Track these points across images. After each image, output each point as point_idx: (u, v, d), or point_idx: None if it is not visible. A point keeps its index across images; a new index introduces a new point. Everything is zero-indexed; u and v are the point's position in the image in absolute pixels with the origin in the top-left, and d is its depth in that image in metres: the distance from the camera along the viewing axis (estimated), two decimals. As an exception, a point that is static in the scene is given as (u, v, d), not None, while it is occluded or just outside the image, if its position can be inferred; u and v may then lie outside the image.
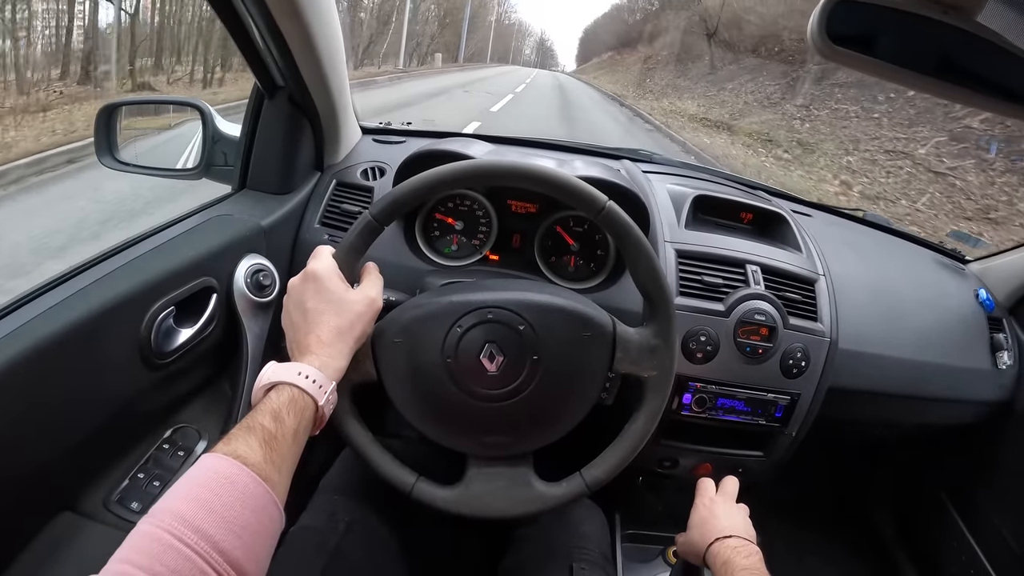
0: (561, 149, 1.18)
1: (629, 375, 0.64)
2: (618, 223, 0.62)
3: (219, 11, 0.72)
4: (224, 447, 0.45)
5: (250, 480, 0.44)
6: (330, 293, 0.57)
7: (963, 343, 1.03)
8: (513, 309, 0.62)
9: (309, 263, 0.60)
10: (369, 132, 1.10)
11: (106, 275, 0.65)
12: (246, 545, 0.41)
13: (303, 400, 0.52)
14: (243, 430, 0.47)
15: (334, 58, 0.82)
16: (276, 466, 0.47)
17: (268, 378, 0.53)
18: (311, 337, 0.56)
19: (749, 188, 1.12)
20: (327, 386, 0.54)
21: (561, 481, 0.65)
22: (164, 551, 0.37)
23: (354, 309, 0.58)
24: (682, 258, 0.88)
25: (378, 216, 0.61)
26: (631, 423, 0.65)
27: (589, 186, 0.61)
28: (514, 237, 0.92)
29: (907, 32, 0.59)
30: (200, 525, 0.39)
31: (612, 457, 0.64)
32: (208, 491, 0.42)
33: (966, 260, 1.20)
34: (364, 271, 0.63)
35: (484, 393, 0.62)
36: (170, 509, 0.40)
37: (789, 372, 0.86)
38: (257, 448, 0.46)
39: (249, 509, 0.43)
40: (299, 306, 0.58)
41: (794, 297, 0.88)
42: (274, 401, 0.50)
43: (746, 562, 0.62)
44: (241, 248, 0.79)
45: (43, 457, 0.58)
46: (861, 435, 1.24)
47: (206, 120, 0.92)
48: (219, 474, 0.43)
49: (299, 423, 0.51)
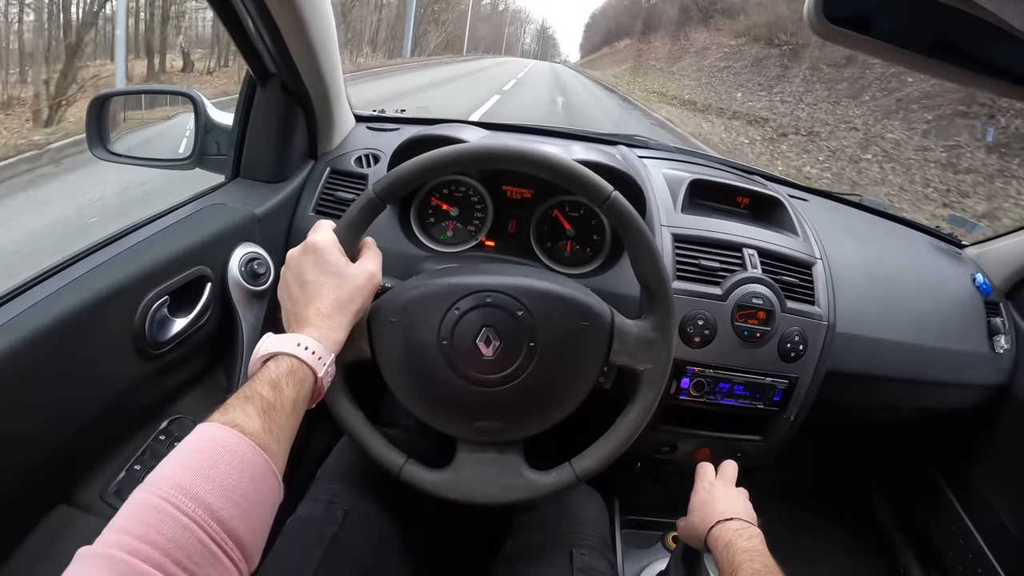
0: (557, 135, 1.18)
1: (625, 367, 0.64)
2: (622, 213, 0.61)
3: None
4: (221, 416, 0.45)
5: (248, 449, 0.43)
6: (331, 266, 0.57)
7: (960, 327, 1.03)
8: (512, 294, 0.62)
9: (310, 235, 0.59)
10: (363, 120, 1.09)
11: (99, 265, 0.64)
12: (244, 514, 0.41)
13: (302, 371, 0.51)
14: (240, 399, 0.47)
15: (327, 44, 0.81)
16: (275, 436, 0.46)
17: (266, 348, 0.52)
18: (310, 309, 0.55)
19: (745, 173, 1.12)
20: (326, 358, 0.53)
21: (551, 470, 0.64)
22: (161, 519, 0.37)
23: (354, 283, 0.57)
24: (679, 242, 0.87)
25: (381, 193, 0.60)
26: (624, 415, 0.65)
27: (595, 175, 0.61)
28: (510, 223, 0.91)
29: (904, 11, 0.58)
30: (198, 493, 0.39)
31: (603, 448, 0.64)
32: (205, 459, 0.41)
33: (963, 244, 1.20)
34: (363, 246, 0.63)
35: (478, 377, 0.61)
36: (167, 477, 0.40)
37: (787, 356, 0.86)
38: (255, 417, 0.45)
39: (247, 478, 0.42)
40: (298, 278, 0.57)
41: (791, 281, 0.88)
42: (272, 371, 0.50)
43: (747, 544, 0.62)
44: (235, 237, 0.79)
45: (38, 450, 0.57)
46: (859, 418, 1.25)
47: (198, 109, 0.91)
48: (216, 442, 0.42)
49: (298, 393, 0.50)
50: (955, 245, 1.20)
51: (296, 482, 0.79)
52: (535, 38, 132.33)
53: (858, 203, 1.23)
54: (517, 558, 0.75)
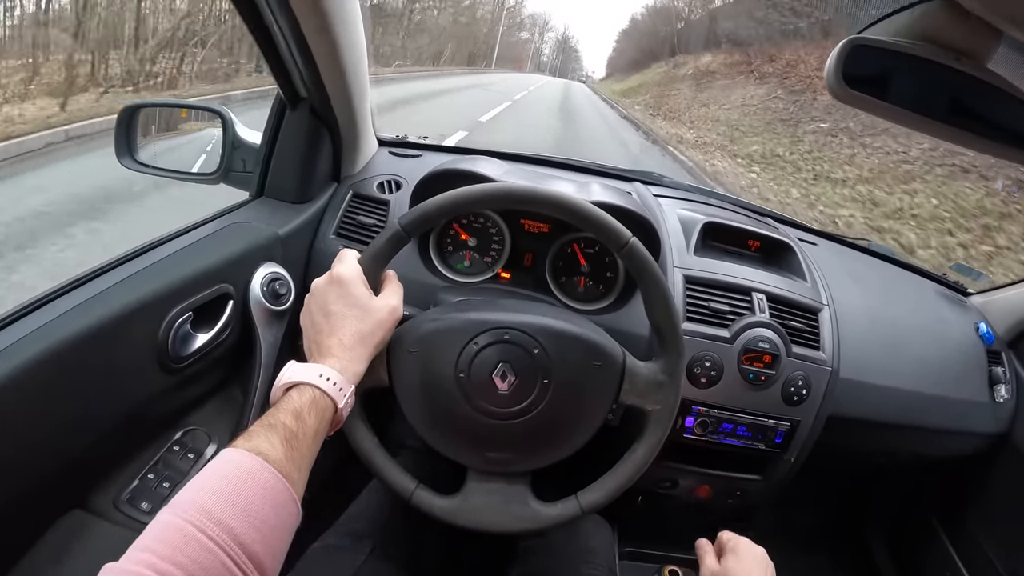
0: (576, 169, 1.20)
1: (633, 407, 0.66)
2: (639, 259, 0.64)
3: (247, 21, 0.73)
4: (245, 443, 0.46)
5: (271, 476, 0.45)
6: (354, 298, 0.58)
7: (962, 375, 1.04)
8: (529, 332, 0.63)
9: (334, 266, 0.61)
10: (385, 144, 1.11)
11: (126, 279, 0.66)
12: (265, 539, 0.42)
13: (324, 401, 0.53)
14: (264, 427, 0.48)
15: (358, 72, 0.83)
16: (296, 464, 0.48)
17: (289, 377, 0.53)
18: (333, 340, 0.57)
19: (756, 215, 1.14)
20: (347, 389, 0.55)
21: (557, 502, 0.66)
22: (186, 542, 0.38)
23: (376, 316, 0.59)
24: (690, 284, 0.89)
25: (407, 227, 0.62)
26: (631, 452, 0.66)
27: (614, 221, 0.63)
28: (526, 256, 0.93)
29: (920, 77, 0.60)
30: (222, 518, 0.40)
31: (610, 483, 0.66)
32: (230, 485, 0.43)
33: (968, 293, 1.22)
34: (385, 279, 0.64)
35: (492, 410, 0.63)
36: (193, 501, 0.41)
37: (790, 399, 0.88)
38: (279, 445, 0.47)
39: (269, 504, 0.44)
40: (322, 308, 0.59)
41: (798, 326, 0.90)
42: (295, 401, 0.51)
43: None
44: (258, 256, 0.81)
45: (57, 456, 0.59)
46: (859, 462, 1.25)
47: (227, 126, 0.93)
48: (240, 469, 0.44)
49: (319, 424, 0.52)
50: (960, 293, 1.21)
51: (311, 508, 0.80)
52: (555, 49, 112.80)
53: (866, 248, 1.24)
54: None
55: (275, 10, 0.69)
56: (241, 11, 0.72)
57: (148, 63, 7.65)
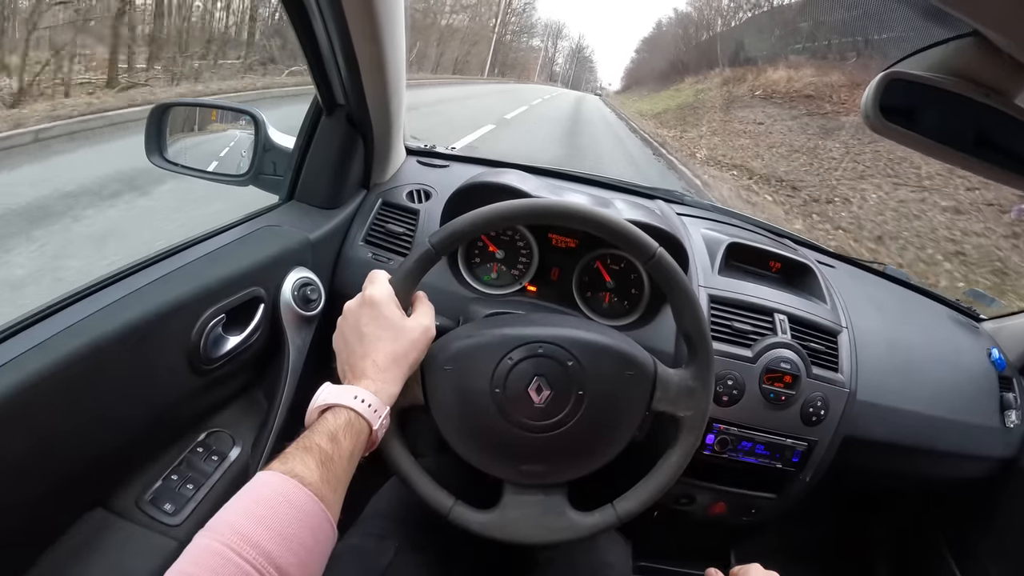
0: (599, 185, 1.21)
1: (665, 414, 0.66)
2: (667, 270, 0.65)
3: (294, 23, 0.74)
4: (281, 466, 0.47)
5: (307, 499, 0.45)
6: (387, 320, 0.59)
7: (974, 400, 1.05)
8: (563, 345, 0.64)
9: (366, 287, 0.61)
10: (413, 153, 1.12)
11: (162, 277, 0.66)
12: (301, 561, 0.43)
13: (359, 424, 0.53)
14: (300, 450, 0.49)
15: (398, 82, 0.84)
16: (331, 486, 0.48)
17: (324, 399, 0.54)
18: (367, 361, 0.57)
19: (776, 236, 1.15)
20: (381, 411, 0.55)
21: (594, 511, 0.66)
22: (223, 565, 0.39)
23: (410, 337, 0.60)
24: (714, 303, 0.90)
25: (437, 246, 0.63)
26: (665, 458, 0.67)
27: (642, 232, 0.64)
28: (553, 270, 0.93)
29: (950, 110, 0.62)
30: (258, 541, 0.41)
31: (645, 490, 0.66)
32: (266, 508, 0.43)
33: (980, 319, 1.23)
34: (416, 299, 0.65)
35: (529, 424, 0.63)
36: (229, 523, 0.42)
37: (808, 420, 0.89)
38: (314, 468, 0.47)
39: (307, 528, 0.44)
40: (355, 330, 0.59)
41: (818, 347, 0.91)
42: (331, 423, 0.52)
43: None
44: (290, 260, 0.81)
45: (84, 453, 0.59)
46: (870, 483, 1.26)
47: (259, 128, 0.94)
48: (276, 492, 0.45)
49: (354, 445, 0.52)
50: (973, 319, 1.22)
51: (346, 509, 0.80)
52: (569, 59, 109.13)
53: (882, 271, 1.26)
54: None
55: (327, 17, 0.70)
56: (291, 15, 0.72)
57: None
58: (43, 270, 2.58)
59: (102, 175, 3.71)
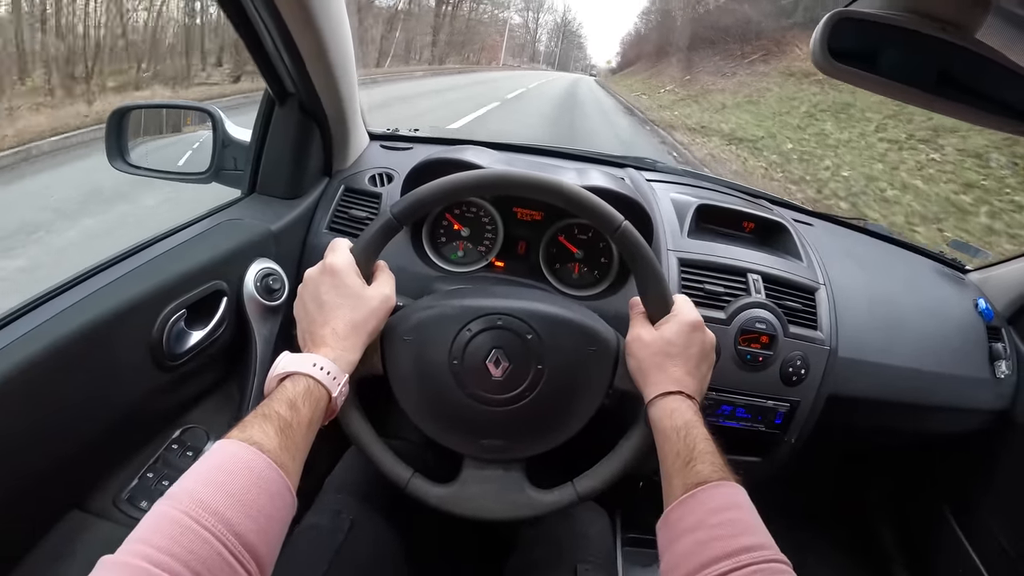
0: (568, 157, 1.19)
1: (628, 392, 0.65)
2: (632, 243, 0.63)
3: (232, 18, 0.73)
4: (240, 433, 0.46)
5: (266, 466, 0.45)
6: (347, 288, 0.59)
7: (962, 352, 1.04)
8: (522, 318, 0.63)
9: (327, 256, 0.61)
10: (376, 138, 1.11)
11: (119, 278, 0.66)
12: (261, 528, 0.42)
13: (318, 391, 0.53)
14: (259, 418, 0.48)
15: (345, 66, 0.83)
16: (291, 453, 0.48)
17: (283, 367, 0.54)
18: (326, 329, 0.57)
19: (751, 197, 1.14)
20: (341, 378, 0.55)
21: (553, 489, 0.66)
22: (183, 533, 0.38)
23: (370, 305, 0.59)
24: (684, 266, 0.89)
25: (399, 215, 0.62)
26: (626, 439, 0.66)
27: (607, 205, 0.63)
28: (520, 244, 0.93)
29: (907, 49, 0.60)
30: (218, 508, 0.40)
31: (605, 470, 0.65)
32: (225, 475, 0.43)
33: (966, 270, 1.21)
34: (376, 268, 0.64)
35: (486, 397, 0.63)
36: (188, 491, 0.41)
37: (788, 380, 0.87)
38: (273, 435, 0.47)
39: (266, 495, 0.44)
40: (315, 298, 0.59)
41: (794, 306, 0.89)
42: (290, 390, 0.51)
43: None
44: (251, 252, 0.81)
45: (55, 456, 0.59)
46: (862, 442, 1.25)
47: (216, 125, 0.93)
48: (236, 459, 0.44)
49: (313, 413, 0.52)
50: (958, 270, 1.21)
51: (305, 493, 0.80)
52: (555, 36, 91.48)
53: (862, 227, 1.24)
54: (523, 572, 0.76)
55: (259, 6, 0.69)
56: (225, 8, 0.72)
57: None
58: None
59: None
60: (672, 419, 0.58)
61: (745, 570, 0.44)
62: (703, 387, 0.64)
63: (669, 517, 0.53)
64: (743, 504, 0.51)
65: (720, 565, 0.45)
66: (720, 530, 0.48)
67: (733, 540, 0.47)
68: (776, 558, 0.46)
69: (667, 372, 0.61)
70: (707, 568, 0.45)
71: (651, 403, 0.60)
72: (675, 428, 0.57)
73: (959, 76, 0.61)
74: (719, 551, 0.46)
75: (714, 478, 0.52)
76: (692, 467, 0.54)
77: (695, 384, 0.61)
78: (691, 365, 0.61)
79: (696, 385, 0.61)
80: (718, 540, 0.47)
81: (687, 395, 0.60)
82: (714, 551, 0.46)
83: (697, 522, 0.50)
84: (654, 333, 0.63)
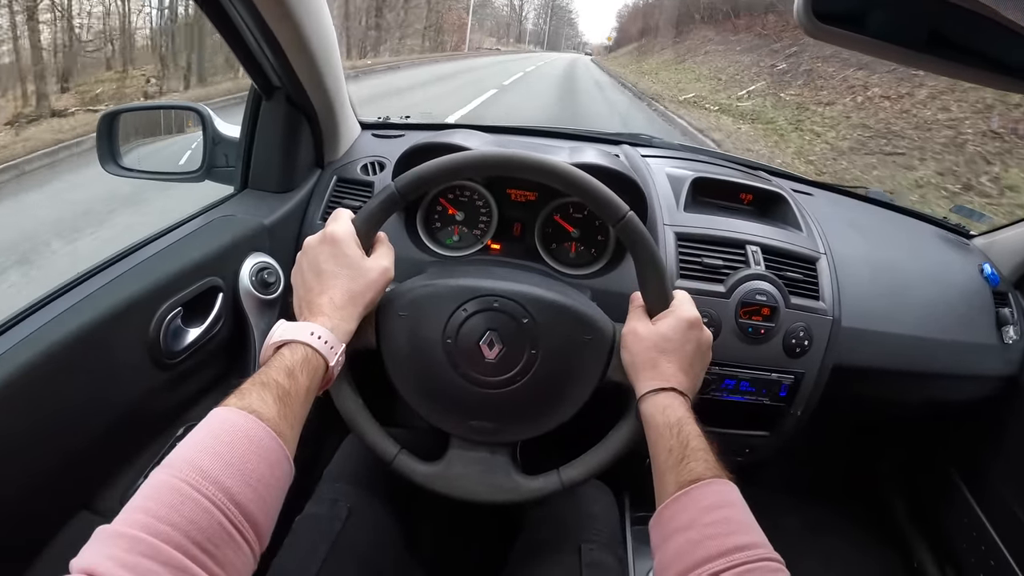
0: (561, 136, 1.18)
1: (621, 384, 0.65)
2: (635, 234, 0.62)
3: (210, 14, 0.73)
4: (238, 401, 0.46)
5: (265, 434, 0.45)
6: (347, 258, 0.59)
7: (968, 318, 1.02)
8: (519, 301, 0.63)
9: (328, 224, 0.61)
10: (368, 127, 1.10)
11: (114, 279, 0.66)
12: (260, 497, 0.42)
13: (316, 360, 0.53)
14: (257, 385, 0.48)
15: (328, 57, 0.83)
16: (288, 422, 0.48)
17: (280, 336, 0.54)
18: (324, 298, 0.57)
19: (749, 169, 1.12)
20: (338, 348, 0.55)
21: (538, 476, 0.66)
22: (182, 501, 0.38)
23: (368, 276, 0.59)
24: (682, 241, 0.88)
25: (401, 189, 0.62)
26: (615, 430, 0.65)
27: (612, 193, 0.62)
28: (515, 226, 0.92)
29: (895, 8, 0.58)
30: (216, 475, 0.40)
31: (592, 460, 0.65)
32: (224, 443, 0.43)
33: (970, 235, 1.19)
34: (377, 241, 0.64)
35: (478, 378, 0.63)
36: (186, 459, 0.41)
37: (792, 351, 0.87)
38: (272, 404, 0.47)
39: (265, 463, 0.44)
40: (314, 266, 0.59)
41: (795, 276, 0.88)
42: (288, 359, 0.51)
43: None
44: (245, 247, 0.81)
45: (60, 458, 0.59)
46: (869, 413, 1.24)
47: (206, 123, 0.93)
48: (235, 427, 0.44)
49: (311, 382, 0.52)
50: (962, 235, 1.19)
51: (309, 485, 0.81)
52: (543, 14, 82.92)
53: (864, 195, 1.22)
54: (525, 553, 0.76)
55: (235, 2, 0.68)
56: (202, 5, 0.71)
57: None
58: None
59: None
60: (665, 415, 0.57)
61: (738, 569, 0.44)
62: (696, 385, 0.63)
63: (662, 515, 0.52)
64: (736, 502, 0.51)
65: (713, 564, 0.45)
66: (713, 529, 0.48)
67: (726, 539, 0.46)
68: (769, 556, 0.45)
69: (660, 368, 0.60)
70: (700, 567, 0.45)
71: (643, 398, 0.59)
72: (668, 424, 0.56)
73: (950, 34, 0.59)
74: (712, 550, 0.46)
75: (707, 475, 0.51)
76: (685, 464, 0.53)
77: (688, 382, 0.60)
78: (685, 363, 0.61)
79: (689, 383, 0.61)
80: (711, 539, 0.47)
81: (679, 392, 0.59)
82: (707, 550, 0.46)
83: (690, 520, 0.49)
84: (650, 328, 0.62)
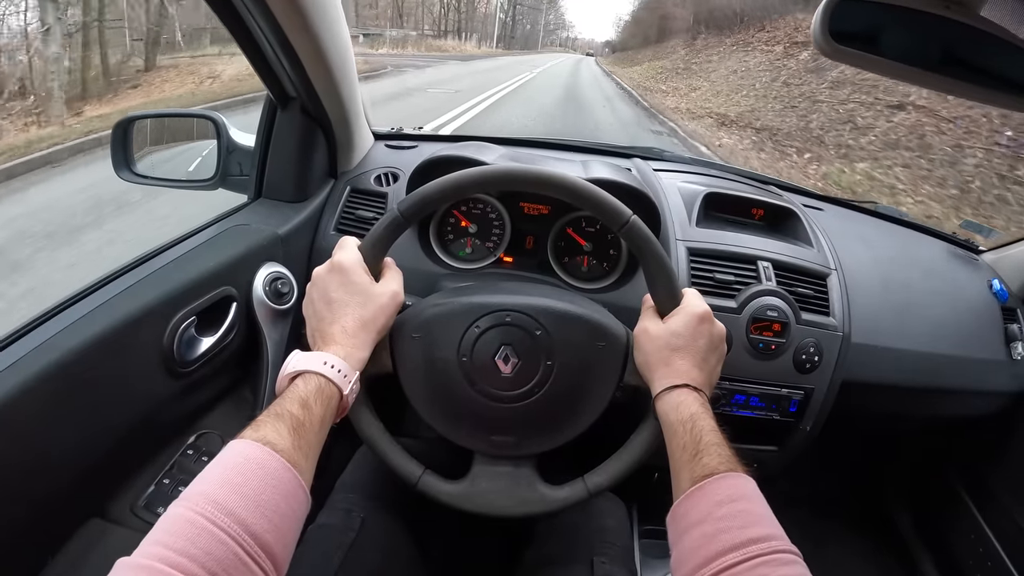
0: (573, 149, 1.19)
1: (639, 387, 0.65)
2: (640, 238, 0.63)
3: (229, 25, 0.73)
4: (253, 433, 0.47)
5: (280, 466, 0.45)
6: (356, 285, 0.59)
7: (977, 334, 1.02)
8: (531, 314, 0.63)
9: (335, 253, 0.61)
10: (381, 138, 1.11)
11: (129, 287, 0.67)
12: (276, 528, 0.43)
13: (329, 389, 0.53)
14: (272, 417, 0.48)
15: (345, 68, 0.83)
16: (303, 452, 0.48)
17: (294, 366, 0.54)
18: (336, 327, 0.57)
19: (760, 183, 1.13)
20: (351, 376, 0.55)
21: (564, 485, 0.65)
22: (199, 534, 0.38)
23: (378, 302, 0.59)
24: (693, 256, 0.88)
25: (405, 212, 0.62)
26: (636, 434, 0.65)
27: (614, 199, 0.62)
28: (527, 239, 0.92)
29: (909, 28, 0.59)
30: (233, 509, 0.41)
31: (616, 465, 0.65)
32: (239, 475, 0.43)
33: (979, 250, 1.19)
34: (384, 265, 0.64)
35: (496, 394, 0.63)
36: (203, 493, 0.41)
37: (802, 367, 0.87)
38: (286, 435, 0.47)
39: (280, 494, 0.44)
40: (324, 296, 0.59)
41: (806, 292, 0.88)
42: (301, 389, 0.51)
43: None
44: (259, 257, 0.81)
45: (72, 466, 0.59)
46: (877, 428, 1.24)
47: (220, 131, 0.94)
48: (249, 459, 0.44)
49: (325, 411, 0.52)
50: (971, 251, 1.19)
51: (319, 494, 0.81)
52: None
53: (873, 210, 1.22)
54: (538, 565, 0.76)
55: (254, 13, 0.69)
56: (221, 16, 0.71)
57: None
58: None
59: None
60: (678, 412, 0.57)
61: (752, 561, 0.43)
62: (712, 379, 0.63)
63: (676, 511, 0.52)
64: (751, 495, 0.50)
65: (727, 557, 0.44)
66: (727, 522, 0.47)
67: (740, 532, 0.46)
68: (785, 548, 0.45)
69: (673, 365, 0.60)
70: (714, 561, 0.45)
71: (658, 397, 0.60)
72: (681, 421, 0.56)
73: (963, 54, 0.60)
74: (726, 543, 0.46)
75: (721, 469, 0.51)
76: (699, 459, 0.53)
77: (703, 377, 0.60)
78: (698, 358, 0.61)
79: (704, 378, 0.61)
80: (725, 532, 0.47)
81: (694, 388, 0.59)
82: (721, 543, 0.46)
83: (704, 515, 0.49)
84: (660, 326, 0.62)
